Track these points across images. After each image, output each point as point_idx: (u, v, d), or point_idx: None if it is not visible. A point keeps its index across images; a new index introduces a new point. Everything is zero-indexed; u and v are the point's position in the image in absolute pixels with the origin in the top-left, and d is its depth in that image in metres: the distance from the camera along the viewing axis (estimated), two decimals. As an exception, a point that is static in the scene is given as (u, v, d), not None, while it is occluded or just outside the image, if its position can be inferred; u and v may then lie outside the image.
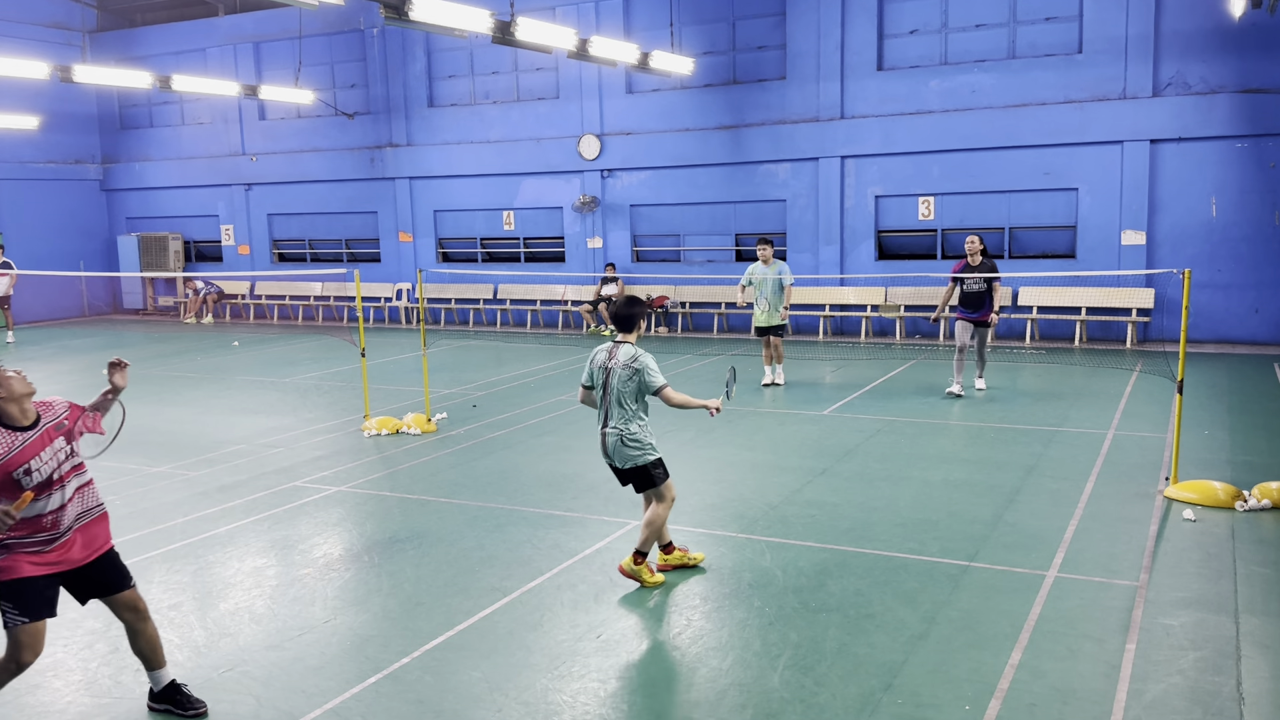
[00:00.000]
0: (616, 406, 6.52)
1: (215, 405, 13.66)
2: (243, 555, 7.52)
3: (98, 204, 28.06)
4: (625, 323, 6.66)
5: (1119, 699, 5.00)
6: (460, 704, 5.17)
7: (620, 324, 6.67)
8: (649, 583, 6.63)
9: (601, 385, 6.59)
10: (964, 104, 18.27)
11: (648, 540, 6.60)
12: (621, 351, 6.55)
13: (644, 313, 6.76)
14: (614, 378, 6.52)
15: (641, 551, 6.60)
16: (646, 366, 6.47)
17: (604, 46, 15.09)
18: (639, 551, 6.61)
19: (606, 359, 6.59)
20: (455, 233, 23.74)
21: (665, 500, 6.67)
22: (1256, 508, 7.92)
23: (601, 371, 6.59)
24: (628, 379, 6.47)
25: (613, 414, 6.54)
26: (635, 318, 6.66)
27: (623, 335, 6.66)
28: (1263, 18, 15.63)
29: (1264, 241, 16.69)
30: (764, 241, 13.81)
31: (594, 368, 6.66)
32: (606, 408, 6.58)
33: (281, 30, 24.53)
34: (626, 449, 6.52)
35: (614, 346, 6.62)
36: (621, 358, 6.52)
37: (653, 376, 6.47)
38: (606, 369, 6.56)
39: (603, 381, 6.58)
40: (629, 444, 6.52)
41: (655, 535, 6.63)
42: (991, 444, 10.43)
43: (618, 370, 6.50)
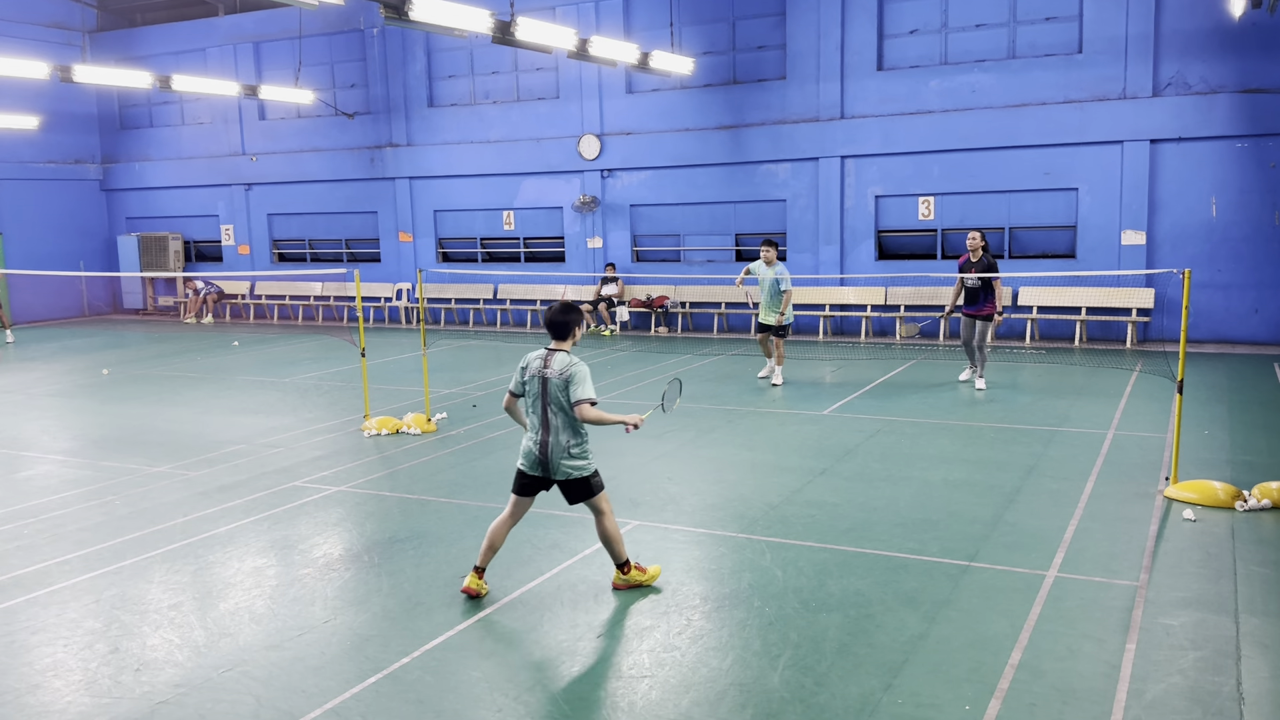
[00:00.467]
0: (560, 417, 6.21)
1: (215, 405, 13.66)
2: (243, 555, 7.52)
3: (98, 204, 28.07)
4: (560, 329, 6.35)
5: (1119, 699, 5.00)
6: (460, 704, 5.17)
7: (555, 331, 6.37)
8: (648, 580, 6.60)
9: (537, 395, 6.27)
10: (964, 104, 18.27)
11: (618, 552, 6.48)
12: (556, 360, 6.25)
13: (580, 320, 6.46)
14: (550, 387, 6.21)
15: (622, 562, 6.52)
16: (577, 376, 6.15)
17: (604, 46, 15.09)
18: (620, 564, 6.52)
19: (541, 367, 6.27)
20: (455, 233, 23.74)
21: (606, 511, 6.43)
22: (1256, 508, 7.92)
23: (536, 380, 6.27)
24: (562, 388, 6.17)
25: (554, 425, 6.23)
26: (570, 325, 6.35)
27: (557, 343, 6.37)
28: (1263, 18, 15.64)
29: (1264, 241, 16.69)
30: (768, 243, 13.94)
31: (525, 376, 6.35)
32: (544, 419, 6.25)
33: (281, 30, 24.54)
34: (570, 460, 6.25)
35: (548, 354, 6.31)
36: (556, 366, 6.22)
37: (579, 387, 6.13)
38: (542, 378, 6.25)
39: (538, 391, 6.27)
40: (573, 456, 6.25)
41: (620, 542, 6.47)
42: (991, 444, 10.43)
43: (553, 379, 6.20)
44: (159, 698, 5.29)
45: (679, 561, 7.14)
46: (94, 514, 8.63)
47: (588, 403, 6.14)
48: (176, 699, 5.27)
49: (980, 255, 12.91)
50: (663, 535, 7.68)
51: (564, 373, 6.19)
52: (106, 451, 11.04)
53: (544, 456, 6.29)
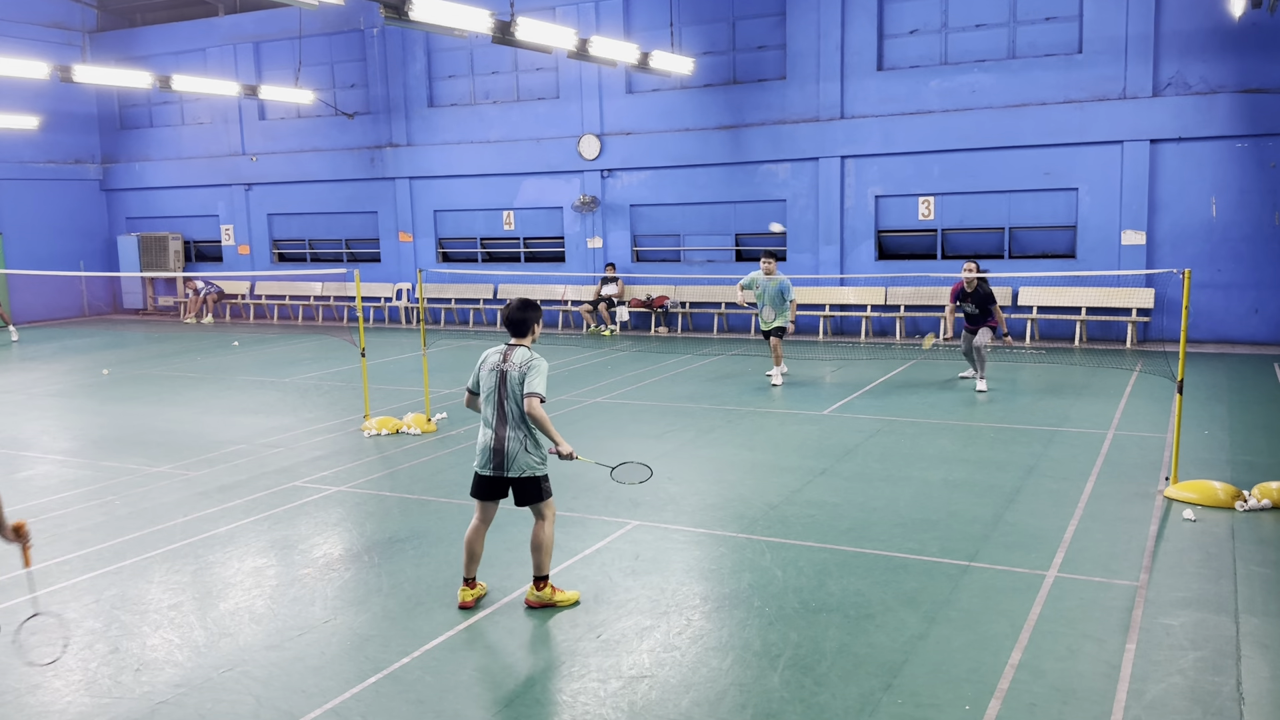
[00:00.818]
0: (516, 411, 6.12)
1: (215, 405, 13.66)
2: (243, 555, 7.52)
3: (98, 204, 28.06)
4: (518, 326, 6.31)
5: (1119, 699, 5.00)
6: (460, 704, 5.17)
7: (514, 328, 6.33)
8: (564, 602, 6.33)
9: (495, 389, 6.19)
10: (964, 104, 18.27)
11: (543, 564, 6.30)
12: (516, 354, 6.21)
13: (538, 317, 6.42)
14: (510, 382, 6.14)
15: (542, 577, 6.31)
16: (534, 369, 6.13)
17: (604, 46, 15.09)
18: (538, 578, 6.31)
19: (500, 361, 6.22)
20: (455, 233, 23.74)
21: (549, 518, 6.31)
22: (1256, 508, 7.92)
23: (494, 375, 6.21)
24: (519, 381, 6.11)
25: (511, 419, 6.14)
26: (529, 321, 6.32)
27: (516, 339, 6.33)
28: (1263, 18, 15.63)
29: (1264, 241, 16.69)
30: (770, 255, 14.02)
31: (482, 372, 6.29)
32: (501, 413, 6.16)
33: (281, 30, 24.54)
34: (527, 456, 6.15)
35: (508, 349, 6.27)
36: (516, 360, 6.18)
37: (535, 378, 6.09)
38: (500, 372, 6.19)
39: (495, 385, 6.19)
40: (530, 451, 6.16)
41: (549, 556, 6.31)
42: (991, 444, 10.43)
43: (513, 373, 6.15)
44: (159, 698, 5.29)
45: (679, 561, 7.14)
46: (94, 514, 8.63)
47: (538, 397, 6.07)
48: (176, 699, 5.27)
49: (976, 285, 13.06)
50: (663, 535, 7.68)
51: (523, 366, 6.15)
52: (106, 451, 11.04)
53: (499, 451, 6.16)
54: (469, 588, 6.43)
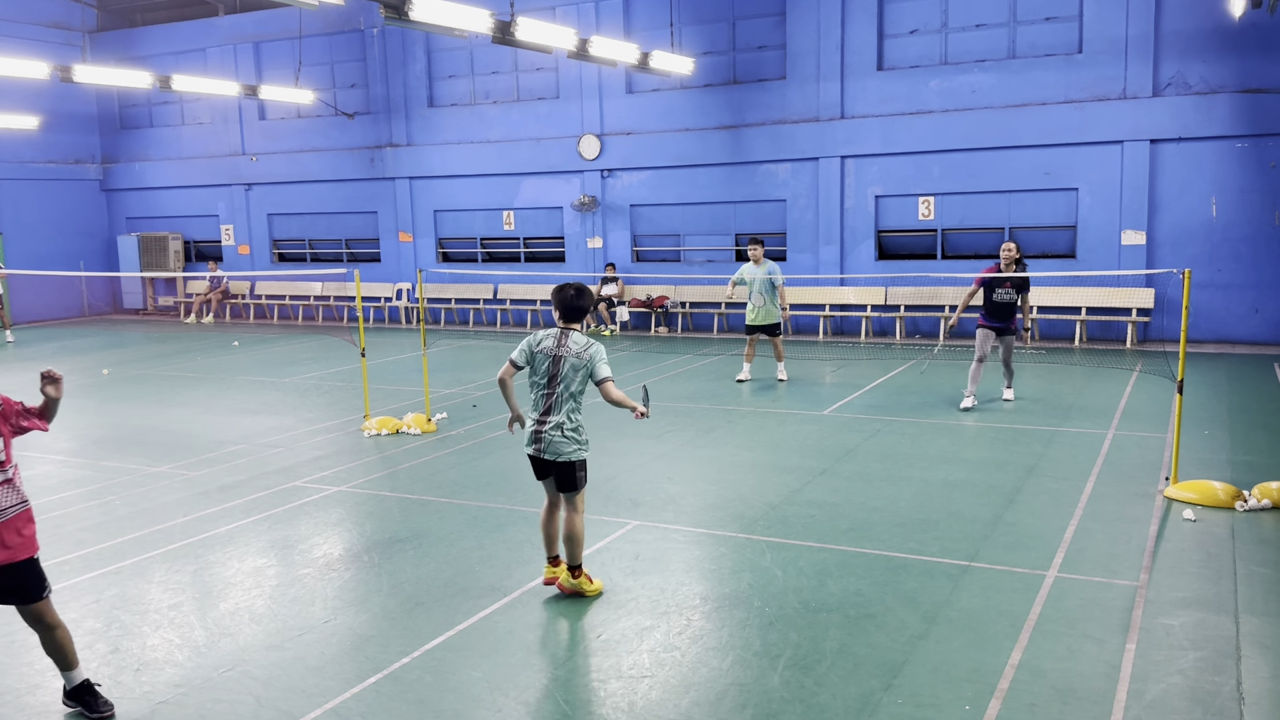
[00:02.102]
0: (564, 397, 6.23)
1: (215, 405, 13.66)
2: (243, 555, 7.52)
3: (98, 204, 28.07)
4: (576, 314, 6.39)
5: (1119, 699, 5.00)
6: (460, 704, 5.17)
7: (570, 315, 6.38)
8: (593, 591, 6.48)
9: (546, 374, 6.26)
10: (964, 104, 18.27)
11: (576, 554, 6.41)
12: (573, 340, 6.27)
13: (592, 304, 6.56)
14: (564, 366, 6.21)
15: (575, 565, 6.44)
16: (598, 356, 6.24)
17: (604, 46, 15.09)
18: (573, 566, 6.44)
19: (554, 346, 6.27)
20: (455, 233, 23.74)
21: (580, 510, 6.41)
22: (1256, 508, 7.92)
23: (547, 358, 6.26)
24: (580, 368, 6.21)
25: (558, 405, 6.23)
26: (585, 309, 6.42)
27: (569, 324, 6.39)
28: (1263, 18, 15.63)
29: (1264, 241, 16.69)
30: (755, 241, 13.98)
31: (535, 351, 6.31)
32: (550, 398, 6.24)
33: (281, 30, 24.54)
34: (567, 442, 6.24)
35: (562, 334, 6.31)
36: (574, 346, 6.24)
37: (602, 366, 6.23)
38: (555, 356, 6.24)
39: (548, 369, 6.25)
40: (569, 437, 6.25)
41: (581, 546, 6.41)
42: (991, 444, 10.43)
43: (569, 359, 6.21)
44: (159, 698, 5.29)
45: (679, 561, 7.14)
46: (94, 514, 8.63)
47: (611, 381, 6.24)
48: (176, 699, 5.27)
49: (1015, 267, 11.87)
50: (663, 535, 7.68)
51: (584, 352, 6.24)
52: (106, 451, 11.04)
53: (539, 435, 6.28)
54: (552, 565, 6.63)
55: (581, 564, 6.48)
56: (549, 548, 6.62)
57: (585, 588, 6.48)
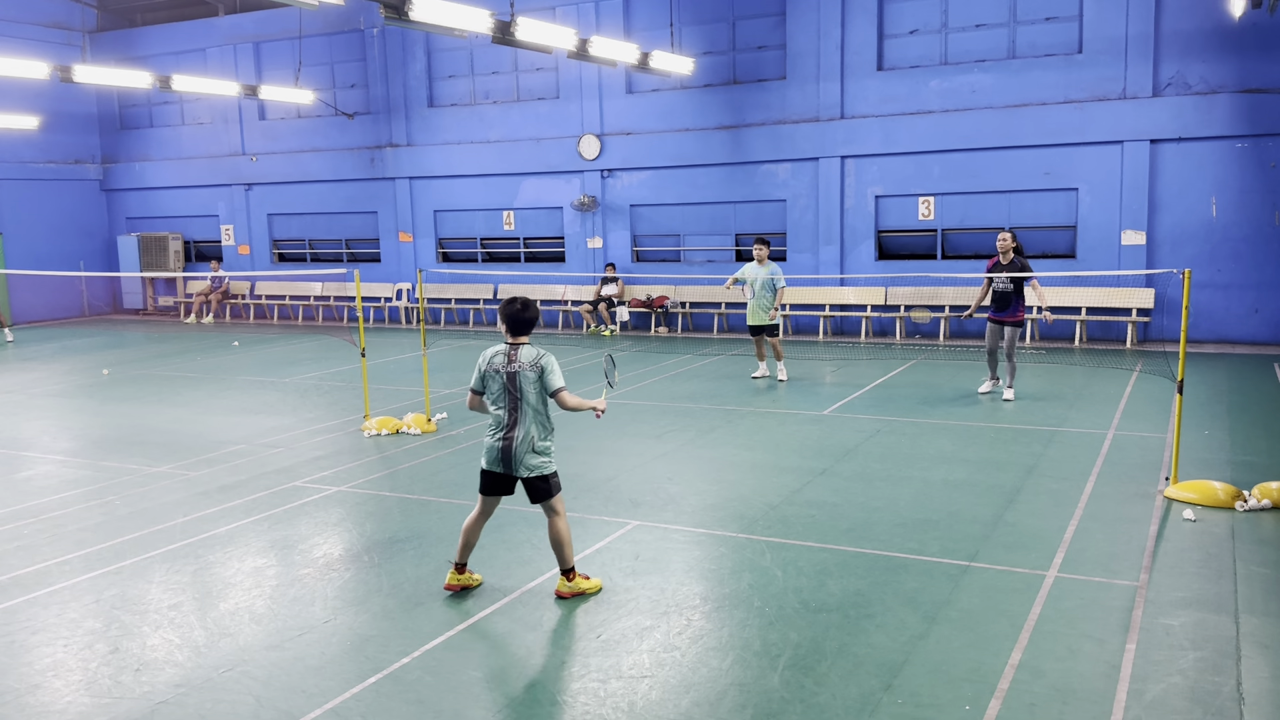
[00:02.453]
0: (529, 412, 6.22)
1: (215, 405, 13.66)
2: (243, 555, 7.52)
3: (98, 204, 28.07)
4: (523, 326, 6.34)
5: (1119, 699, 5.00)
6: (460, 704, 5.17)
7: (518, 328, 6.34)
8: (592, 589, 6.50)
9: (503, 390, 6.25)
10: (964, 104, 18.28)
11: (566, 557, 6.40)
12: (523, 353, 6.25)
13: (537, 314, 6.45)
14: (520, 381, 6.21)
15: (568, 569, 6.44)
16: (550, 366, 6.23)
17: (604, 46, 15.09)
18: (565, 570, 6.43)
19: (505, 363, 6.25)
20: (455, 233, 23.74)
21: (560, 513, 6.39)
22: (1256, 508, 7.92)
23: (500, 376, 6.25)
24: (534, 380, 6.20)
25: (522, 420, 6.22)
26: (531, 322, 6.37)
27: (517, 338, 6.35)
28: (1263, 18, 15.64)
29: (1264, 241, 16.69)
30: (761, 242, 14.01)
31: (488, 371, 6.30)
32: (512, 414, 6.24)
33: (281, 30, 24.54)
34: (535, 457, 6.25)
35: (511, 349, 6.29)
36: (525, 359, 6.23)
37: (554, 376, 6.22)
38: (508, 373, 6.23)
39: (503, 386, 6.24)
40: (538, 451, 6.26)
41: (570, 547, 6.40)
42: (991, 444, 10.43)
43: (524, 373, 6.21)
44: (159, 698, 5.29)
45: (679, 561, 7.14)
46: (94, 514, 8.63)
47: (564, 390, 6.26)
48: (176, 699, 5.27)
49: (1011, 257, 12.10)
50: (663, 535, 7.68)
51: (535, 364, 6.22)
52: (106, 451, 11.04)
53: (508, 452, 6.26)
54: (458, 572, 6.59)
55: (574, 565, 6.48)
56: (462, 553, 6.56)
57: (584, 587, 6.48)
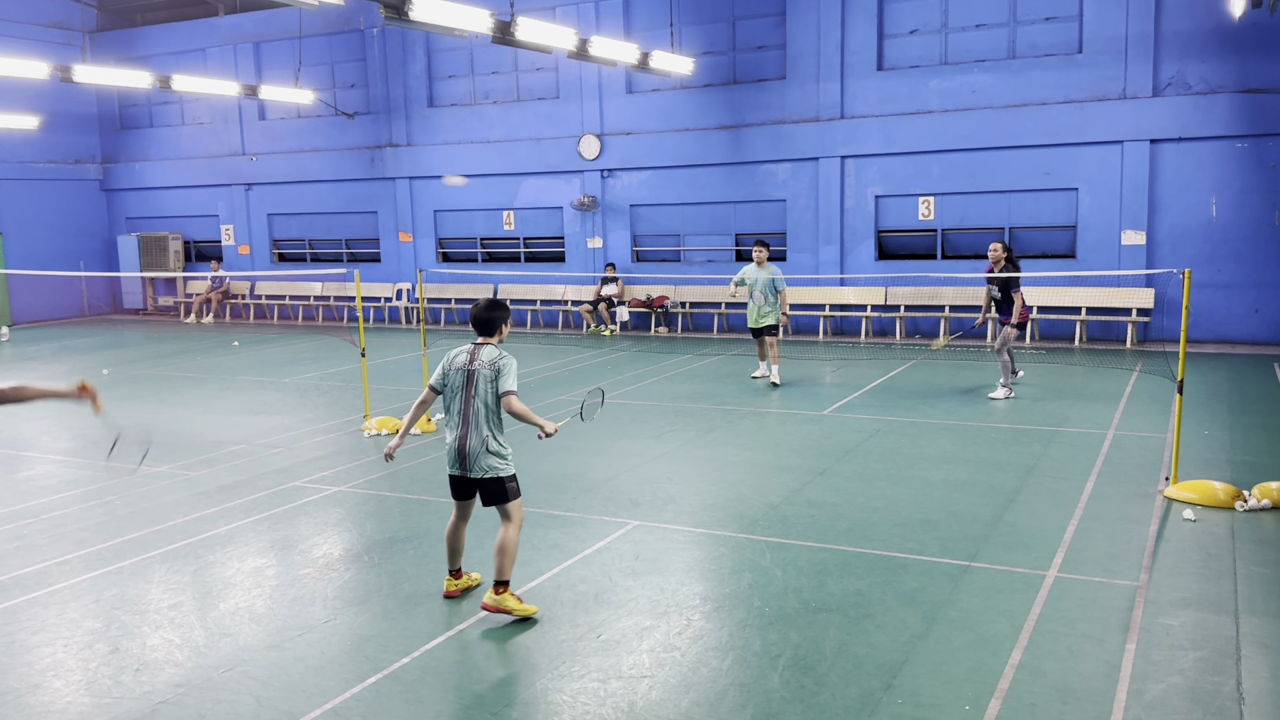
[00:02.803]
0: (482, 411, 6.13)
1: (215, 405, 13.66)
2: (243, 555, 7.52)
3: (98, 204, 28.06)
4: (486, 326, 6.32)
5: (1119, 699, 5.00)
6: (460, 704, 5.17)
7: (481, 327, 6.32)
8: (520, 612, 6.11)
9: (461, 388, 6.18)
10: (964, 104, 18.27)
11: (504, 567, 6.14)
12: (485, 352, 6.22)
13: (506, 317, 6.43)
14: (478, 380, 6.15)
15: (503, 581, 6.13)
16: (507, 368, 6.16)
17: (604, 46, 15.09)
18: (499, 581, 6.12)
19: (467, 361, 6.21)
20: (455, 233, 23.74)
21: (515, 520, 6.25)
22: (1256, 508, 7.92)
23: (460, 374, 6.20)
24: (491, 380, 6.14)
25: (475, 419, 6.13)
26: (496, 321, 6.34)
27: (484, 338, 6.32)
28: (1263, 18, 15.63)
29: (1264, 241, 16.69)
30: (761, 244, 14.02)
31: (449, 369, 6.25)
32: (466, 412, 6.15)
33: (281, 30, 24.54)
34: (489, 457, 6.14)
35: (475, 348, 6.26)
36: (485, 358, 6.19)
37: (508, 378, 6.13)
38: (468, 371, 6.18)
39: (462, 384, 6.18)
40: (492, 452, 6.15)
41: (511, 561, 6.17)
42: (991, 444, 10.43)
43: (482, 371, 6.16)
44: (159, 698, 5.29)
45: (679, 561, 7.14)
46: (94, 514, 8.63)
47: (513, 394, 6.13)
48: (176, 699, 5.27)
49: (1003, 265, 12.46)
50: (663, 535, 7.68)
51: (493, 364, 6.17)
52: (106, 451, 11.02)
53: (462, 452, 6.17)
54: (454, 579, 6.59)
55: (509, 580, 6.16)
56: (452, 560, 6.54)
57: (511, 606, 6.10)
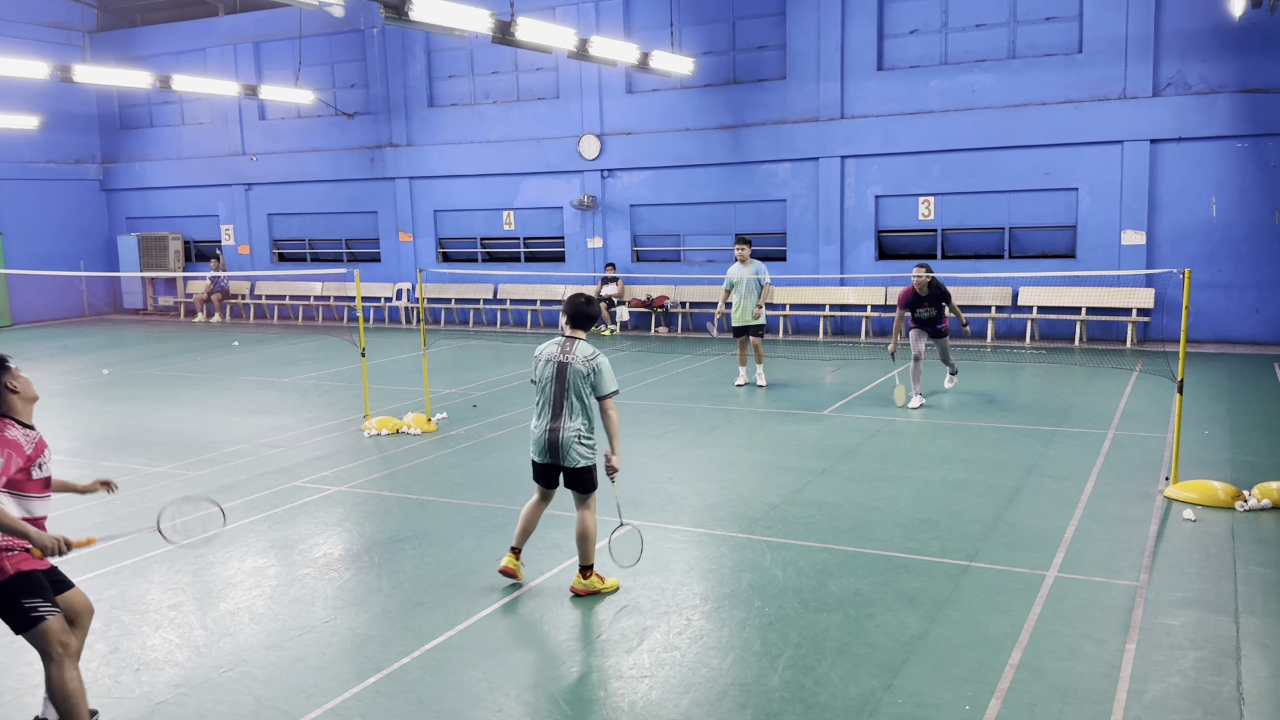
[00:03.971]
0: (574, 403, 6.32)
1: (215, 405, 13.66)
2: (243, 555, 7.52)
3: (98, 204, 28.06)
4: (584, 321, 6.50)
5: (1119, 699, 5.00)
6: (460, 704, 5.17)
7: (578, 322, 6.49)
8: (608, 589, 6.54)
9: (553, 380, 6.37)
10: (964, 104, 18.27)
11: (588, 553, 6.49)
12: (579, 348, 6.39)
13: (599, 312, 6.67)
14: (570, 374, 6.33)
15: (588, 565, 6.51)
16: (603, 368, 6.35)
17: (604, 46, 15.08)
18: (585, 567, 6.51)
19: (558, 353, 6.40)
20: (455, 233, 23.74)
21: (592, 508, 6.52)
22: (1256, 508, 7.92)
23: (551, 365, 6.39)
24: (585, 377, 6.31)
25: (566, 411, 6.33)
26: (593, 318, 6.55)
27: (574, 331, 6.49)
28: (1263, 18, 15.63)
29: (1264, 241, 16.69)
30: (743, 241, 13.81)
31: (540, 360, 6.48)
32: (558, 404, 6.35)
33: (281, 30, 24.54)
34: (579, 447, 6.36)
35: (567, 342, 6.43)
36: (579, 354, 6.36)
37: (607, 380, 6.35)
38: (559, 363, 6.36)
39: (553, 375, 6.37)
40: (583, 443, 6.37)
41: (593, 545, 6.50)
42: (991, 444, 10.43)
43: (575, 366, 6.33)
44: (159, 698, 5.29)
45: (679, 561, 7.14)
46: (94, 514, 8.63)
47: (614, 395, 6.39)
48: (176, 699, 5.27)
49: (929, 290, 12.36)
50: (663, 535, 7.68)
51: (589, 362, 6.35)
52: (106, 451, 11.04)
53: (554, 443, 6.37)
54: (514, 556, 6.71)
55: (593, 564, 6.52)
56: (519, 538, 6.72)
57: (599, 587, 6.52)
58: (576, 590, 6.50)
